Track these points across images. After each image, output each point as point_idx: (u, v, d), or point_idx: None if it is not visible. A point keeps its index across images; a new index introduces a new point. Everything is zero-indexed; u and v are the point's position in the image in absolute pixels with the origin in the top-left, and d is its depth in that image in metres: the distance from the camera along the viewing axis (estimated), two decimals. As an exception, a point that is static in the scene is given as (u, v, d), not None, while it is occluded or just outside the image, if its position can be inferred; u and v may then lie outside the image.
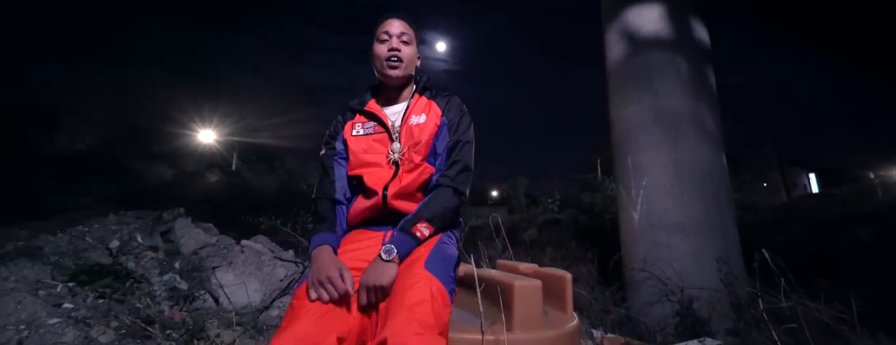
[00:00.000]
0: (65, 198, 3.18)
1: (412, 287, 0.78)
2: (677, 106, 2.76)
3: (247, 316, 2.23)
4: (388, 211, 1.00)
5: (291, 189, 5.39)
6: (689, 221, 2.63)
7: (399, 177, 1.02)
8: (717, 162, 2.79)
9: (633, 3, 3.08)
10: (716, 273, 2.57)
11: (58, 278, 1.68)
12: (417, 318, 0.73)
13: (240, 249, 2.80)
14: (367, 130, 1.08)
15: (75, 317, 1.46)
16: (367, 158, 1.05)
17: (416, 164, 1.03)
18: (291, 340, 0.72)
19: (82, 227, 2.33)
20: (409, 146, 1.03)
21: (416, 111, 1.07)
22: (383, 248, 0.88)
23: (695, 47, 2.94)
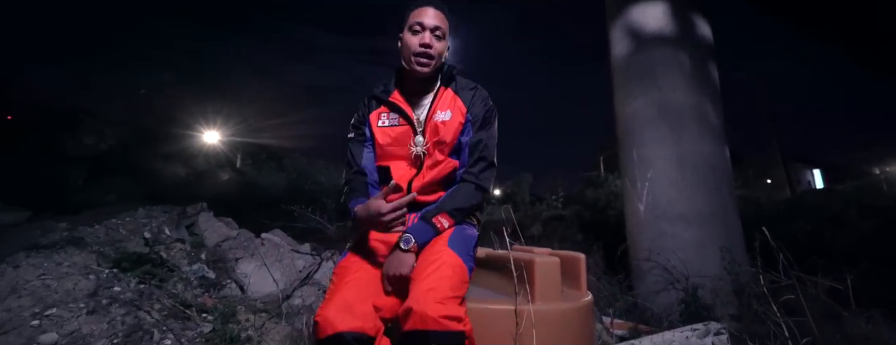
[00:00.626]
0: (92, 195, 3.31)
1: (434, 262, 0.87)
2: (681, 101, 2.85)
3: (270, 304, 2.35)
4: (413, 203, 1.04)
5: (300, 186, 5.52)
6: (692, 211, 2.72)
7: (422, 173, 1.06)
8: (720, 155, 2.88)
9: (637, 0, 3.17)
10: (719, 262, 2.67)
11: (103, 265, 1.80)
12: (438, 289, 0.81)
13: (260, 241, 2.93)
14: (392, 121, 1.09)
15: (124, 298, 1.58)
16: (392, 150, 1.08)
17: (439, 159, 1.06)
18: (336, 307, 0.82)
19: (116, 220, 2.45)
20: (433, 143, 1.05)
21: (441, 106, 1.08)
22: (402, 237, 0.93)
23: (698, 43, 3.02)
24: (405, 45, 1.05)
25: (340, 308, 0.82)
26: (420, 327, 0.76)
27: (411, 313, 0.78)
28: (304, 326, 1.99)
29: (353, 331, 0.78)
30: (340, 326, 0.78)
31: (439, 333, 0.76)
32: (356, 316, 0.81)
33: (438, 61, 1.07)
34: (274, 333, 2.06)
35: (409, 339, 0.77)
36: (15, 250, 1.68)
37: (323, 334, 0.79)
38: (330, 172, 6.27)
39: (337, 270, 0.96)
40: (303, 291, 2.57)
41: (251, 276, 2.49)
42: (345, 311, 0.81)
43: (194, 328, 1.66)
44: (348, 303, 0.83)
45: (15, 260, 1.52)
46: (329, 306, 0.83)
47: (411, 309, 0.78)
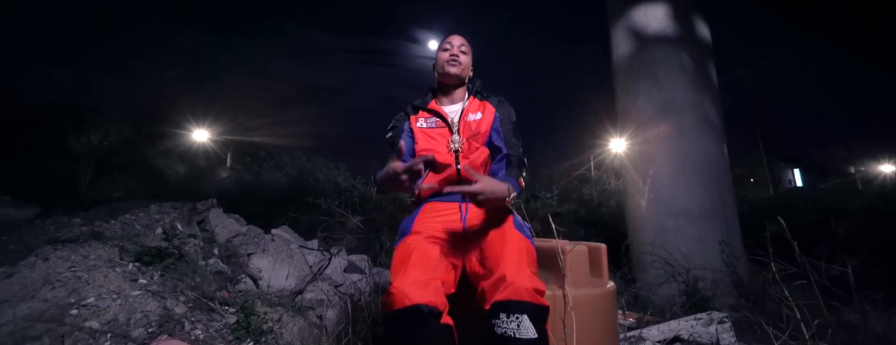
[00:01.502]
0: (100, 191, 3.29)
1: (511, 241, 0.97)
2: (682, 99, 2.95)
3: (284, 298, 2.39)
4: (461, 181, 1.18)
5: (302, 184, 5.53)
6: (693, 207, 2.82)
7: (465, 156, 1.22)
8: (719, 152, 2.98)
9: (639, 1, 3.25)
10: (719, 255, 2.77)
11: (125, 258, 1.82)
12: (525, 266, 0.92)
13: (270, 238, 2.95)
14: (430, 123, 1.29)
15: (151, 290, 1.61)
16: (431, 144, 1.25)
17: (475, 148, 1.23)
18: (411, 281, 0.89)
19: (129, 215, 2.46)
20: (467, 137, 1.23)
21: (472, 110, 1.28)
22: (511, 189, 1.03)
23: (697, 43, 3.12)
24: (438, 60, 1.31)
25: (414, 282, 0.88)
26: (514, 298, 0.83)
27: (505, 283, 0.85)
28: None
29: (428, 304, 0.85)
30: (416, 298, 0.85)
31: (531, 304, 0.83)
32: (429, 291, 0.88)
33: (466, 70, 1.31)
34: (291, 325, 2.10)
35: (502, 307, 0.84)
36: (39, 244, 1.70)
37: (399, 305, 0.85)
38: (329, 170, 6.28)
39: (400, 248, 1.03)
40: (314, 285, 2.61)
41: (264, 271, 2.52)
42: (419, 285, 0.88)
43: (219, 320, 1.70)
44: (421, 278, 0.90)
45: (43, 253, 1.55)
46: (404, 280, 0.90)
47: (505, 279, 0.85)
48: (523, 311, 0.83)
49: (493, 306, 0.86)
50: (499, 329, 0.85)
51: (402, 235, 1.12)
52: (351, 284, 2.74)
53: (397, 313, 0.86)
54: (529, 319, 0.82)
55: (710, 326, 2.11)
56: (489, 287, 0.88)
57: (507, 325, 0.84)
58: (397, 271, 0.95)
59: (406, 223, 1.18)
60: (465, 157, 1.22)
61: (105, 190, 3.44)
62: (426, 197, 1.24)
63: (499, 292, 0.85)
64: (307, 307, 2.34)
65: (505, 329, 0.84)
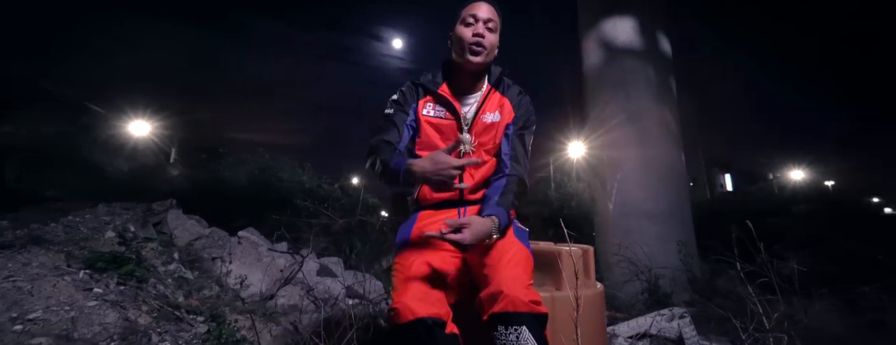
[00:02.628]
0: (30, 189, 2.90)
1: (509, 252, 0.95)
2: (647, 109, 3.15)
3: (255, 304, 2.26)
4: (462, 202, 1.12)
5: (264, 184, 5.26)
6: (655, 209, 3.02)
7: (471, 174, 1.09)
8: (678, 158, 3.21)
9: (609, 15, 3.43)
10: (677, 254, 2.98)
11: (73, 265, 1.64)
12: (522, 277, 0.90)
13: (237, 240, 2.78)
14: (438, 113, 1.09)
15: (109, 300, 1.46)
16: (434, 142, 1.09)
17: (485, 159, 1.10)
18: (413, 294, 0.87)
19: (73, 217, 2.22)
20: (480, 144, 1.08)
21: (490, 107, 1.09)
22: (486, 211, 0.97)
23: (661, 57, 3.35)
24: (458, 37, 1.05)
25: (417, 296, 0.86)
26: (511, 310, 0.83)
27: (502, 296, 0.84)
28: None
29: (432, 316, 0.83)
30: (420, 311, 0.83)
31: (529, 315, 0.83)
32: (432, 303, 0.86)
33: (490, 55, 1.07)
34: (264, 333, 1.99)
35: (500, 319, 0.84)
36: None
37: (404, 319, 0.83)
38: (293, 169, 6.03)
39: (400, 260, 0.99)
40: (286, 290, 2.49)
41: (232, 275, 2.37)
42: (422, 298, 0.86)
43: (188, 330, 1.58)
44: (424, 291, 0.88)
45: (-26, 261, 1.35)
46: (406, 293, 0.87)
47: (502, 292, 0.85)
48: (521, 322, 0.83)
49: (491, 318, 0.86)
50: (499, 341, 0.85)
51: (400, 246, 1.06)
52: (324, 288, 2.65)
53: (403, 327, 0.84)
54: (528, 330, 0.83)
55: (672, 321, 2.27)
56: (486, 298, 0.88)
57: (506, 337, 0.84)
58: (399, 286, 0.92)
59: (403, 233, 1.10)
60: (470, 174, 1.08)
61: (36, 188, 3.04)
62: (424, 205, 1.15)
63: (496, 304, 0.85)
64: (280, 313, 2.23)
65: (504, 342, 0.84)
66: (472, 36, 1.03)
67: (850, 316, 2.11)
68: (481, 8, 1.04)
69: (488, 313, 0.87)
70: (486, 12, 1.04)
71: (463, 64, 1.07)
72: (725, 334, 2.36)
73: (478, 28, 1.03)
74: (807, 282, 1.68)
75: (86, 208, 2.37)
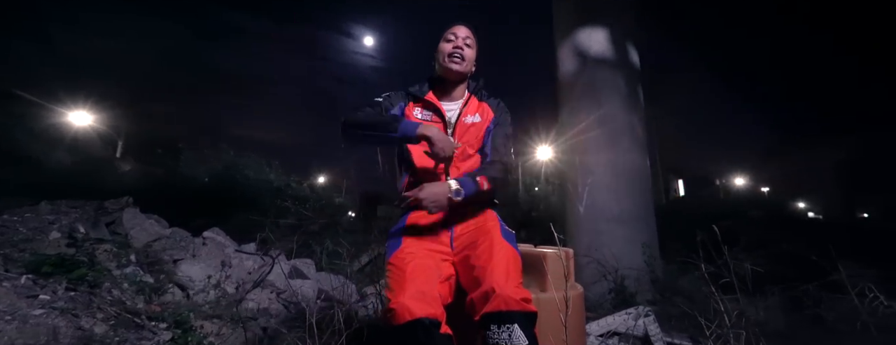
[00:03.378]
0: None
1: (498, 252, 0.98)
2: (617, 116, 3.29)
3: (221, 308, 2.14)
4: None
5: (228, 182, 5.00)
6: (623, 212, 3.16)
7: (457, 166, 1.17)
8: (644, 164, 3.39)
9: (583, 24, 3.56)
10: (641, 256, 3.14)
11: (12, 270, 1.49)
12: (513, 276, 0.94)
13: (201, 241, 2.63)
14: (425, 116, 1.21)
15: (58, 308, 1.34)
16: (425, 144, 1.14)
17: (469, 155, 1.19)
18: (411, 295, 0.87)
19: (9, 216, 2.00)
20: (464, 142, 1.19)
21: (470, 111, 1.22)
22: (451, 181, 1.03)
23: (631, 67, 3.51)
24: (440, 51, 1.22)
25: (415, 296, 0.86)
26: (504, 308, 0.84)
27: (494, 295, 0.86)
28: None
29: (429, 316, 0.84)
30: (418, 312, 0.83)
31: (520, 313, 0.85)
32: (429, 303, 0.86)
33: (469, 65, 1.23)
34: (233, 339, 1.89)
35: (493, 318, 0.85)
36: None
37: (402, 319, 0.83)
38: (260, 167, 5.78)
39: (394, 261, 0.99)
40: (256, 293, 2.38)
41: (196, 279, 2.23)
42: (419, 298, 0.86)
43: (150, 338, 1.47)
44: (421, 291, 0.88)
45: None
46: (403, 294, 0.87)
47: (494, 292, 0.86)
48: (513, 320, 0.86)
49: (484, 318, 0.88)
50: (491, 340, 0.88)
51: (393, 246, 1.08)
52: (296, 290, 2.55)
53: (402, 327, 0.84)
54: (520, 327, 0.86)
55: (638, 319, 2.39)
56: (478, 298, 0.90)
57: (499, 336, 0.86)
58: (396, 286, 0.92)
59: (395, 233, 1.13)
60: (457, 166, 1.17)
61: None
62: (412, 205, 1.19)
63: (488, 303, 0.88)
64: (249, 317, 2.13)
65: (497, 340, 0.87)
66: (452, 48, 1.20)
67: (793, 312, 2.31)
68: (461, 29, 1.22)
69: (480, 313, 0.88)
70: (464, 32, 1.22)
71: (445, 72, 1.21)
72: (685, 330, 2.51)
73: (457, 42, 1.20)
74: (759, 281, 1.82)
75: (25, 206, 2.14)
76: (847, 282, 2.02)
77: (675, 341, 2.23)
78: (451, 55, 1.18)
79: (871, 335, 1.89)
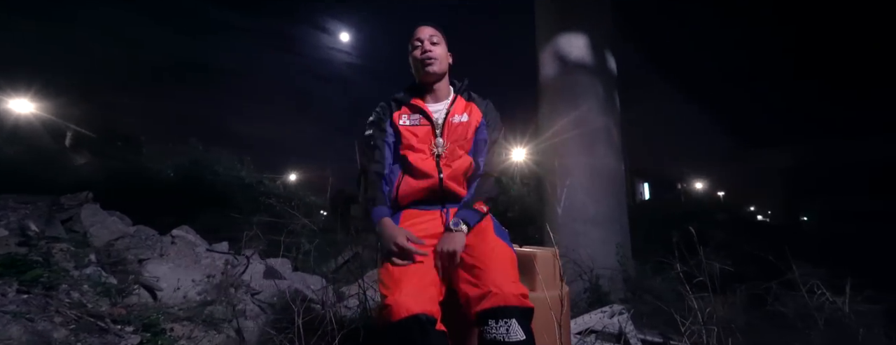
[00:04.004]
0: None
1: (494, 250, 0.99)
2: (595, 121, 3.40)
3: (191, 310, 2.04)
4: (443, 191, 1.16)
5: (196, 178, 4.76)
6: (599, 214, 3.26)
7: (448, 165, 1.18)
8: (619, 168, 3.51)
9: (564, 31, 3.66)
10: (615, 256, 3.25)
11: (-43, 271, 1.35)
12: (508, 273, 0.95)
13: (170, 239, 2.49)
14: (413, 121, 1.21)
15: (10, 311, 1.23)
16: (418, 145, 1.18)
17: (459, 155, 1.19)
18: (407, 292, 0.87)
19: (-49, 211, 1.82)
20: (452, 141, 1.19)
21: (458, 111, 1.23)
22: (452, 221, 1.06)
23: (608, 73, 3.64)
24: (412, 59, 1.23)
25: (411, 293, 0.87)
26: (502, 304, 0.86)
27: (492, 293, 0.87)
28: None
29: (425, 313, 0.84)
30: (415, 308, 0.84)
31: (518, 308, 0.87)
32: (425, 300, 0.87)
33: (443, 62, 1.22)
34: (205, 342, 1.80)
35: (490, 314, 0.86)
36: None
37: (397, 316, 0.83)
38: (231, 162, 5.55)
39: (388, 259, 0.99)
40: (228, 294, 2.27)
41: (164, 279, 2.10)
42: (415, 295, 0.86)
43: (117, 342, 1.38)
44: (416, 288, 0.89)
45: None
46: (399, 291, 0.87)
47: (492, 290, 0.87)
48: (511, 315, 0.88)
49: (481, 314, 0.89)
50: (488, 335, 0.89)
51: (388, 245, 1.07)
52: (272, 291, 2.47)
53: (398, 324, 0.85)
54: (517, 322, 0.88)
55: (613, 317, 2.48)
56: (475, 297, 0.91)
57: (497, 330, 0.88)
58: (391, 284, 0.92)
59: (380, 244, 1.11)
60: (448, 165, 1.16)
61: None
62: (405, 204, 1.18)
63: (486, 301, 0.89)
64: (222, 319, 2.04)
65: (495, 334, 0.88)
66: (420, 54, 1.20)
67: (754, 309, 2.46)
68: (422, 30, 1.22)
69: (478, 310, 0.89)
70: (426, 32, 1.22)
71: (424, 76, 1.22)
72: (656, 327, 2.62)
73: (424, 46, 1.20)
74: (724, 280, 1.94)
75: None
76: (799, 281, 2.19)
77: (647, 338, 2.32)
78: (422, 61, 1.19)
79: (819, 329, 2.06)
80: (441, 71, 1.22)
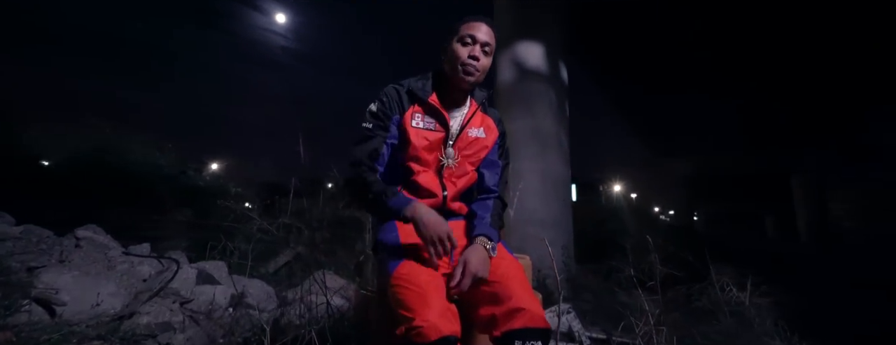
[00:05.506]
0: None
1: (511, 267, 0.96)
2: (548, 127, 3.56)
3: (103, 326, 1.73)
4: (445, 210, 1.08)
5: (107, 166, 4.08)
6: (549, 217, 3.43)
7: (453, 181, 1.08)
8: (567, 173, 3.72)
9: (522, 38, 3.77)
10: (561, 258, 3.44)
11: None
12: (530, 291, 0.93)
13: (74, 242, 2.08)
14: (427, 124, 1.06)
15: None
16: (423, 155, 1.05)
17: (467, 170, 1.10)
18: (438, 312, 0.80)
19: None
20: (463, 156, 1.08)
21: (475, 123, 1.10)
22: (488, 244, 0.96)
23: (560, 82, 3.83)
24: (453, 54, 1.04)
25: (442, 313, 0.80)
26: (531, 325, 0.83)
27: (523, 312, 0.83)
28: None
29: (454, 334, 0.79)
30: (445, 329, 0.78)
31: (544, 330, 0.85)
32: (451, 320, 0.82)
33: (481, 77, 1.07)
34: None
35: (519, 335, 0.82)
36: None
37: (429, 338, 0.76)
38: (148, 149, 4.86)
39: (405, 277, 0.89)
40: (152, 305, 1.96)
41: (66, 291, 1.74)
42: (443, 314, 0.80)
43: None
44: (444, 306, 0.83)
45: None
46: (430, 311, 0.79)
47: (524, 309, 0.83)
48: (538, 337, 0.86)
49: (508, 334, 0.86)
50: None
51: (392, 253, 0.97)
52: (206, 298, 2.19)
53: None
54: (543, 343, 0.86)
55: (562, 316, 2.62)
56: (503, 314, 0.87)
57: None
58: (417, 303, 0.83)
59: (390, 240, 1.00)
60: (453, 182, 1.07)
61: None
62: None
63: (515, 320, 0.85)
64: (145, 335, 1.75)
65: None
66: (467, 57, 1.02)
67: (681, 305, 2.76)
68: (481, 29, 1.04)
69: (506, 329, 0.85)
70: (484, 35, 1.03)
71: (454, 80, 1.05)
72: (596, 323, 2.83)
73: (475, 50, 1.02)
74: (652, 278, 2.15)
75: None
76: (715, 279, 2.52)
77: (592, 335, 2.49)
78: (465, 65, 1.01)
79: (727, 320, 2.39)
80: (477, 83, 1.06)
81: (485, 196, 1.13)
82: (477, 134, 1.10)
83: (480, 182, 1.15)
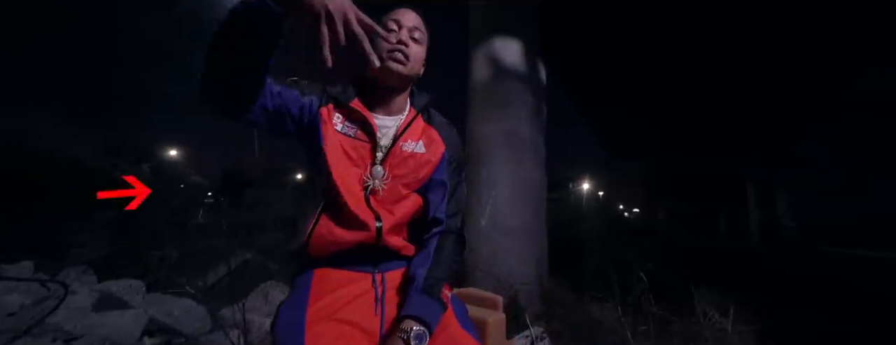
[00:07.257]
0: None
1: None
2: (524, 131, 3.32)
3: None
4: (379, 248, 0.80)
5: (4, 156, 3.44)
6: (520, 226, 3.20)
7: (389, 209, 0.82)
8: (542, 179, 3.50)
9: (498, 34, 3.50)
10: (533, 270, 3.23)
11: None
12: None
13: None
14: (349, 131, 0.82)
15: None
16: (347, 170, 0.80)
17: (402, 195, 0.85)
18: None
19: None
20: (395, 176, 0.83)
21: (412, 135, 0.87)
22: (413, 332, 0.68)
23: (538, 83, 3.59)
24: (376, 46, 0.81)
25: None
26: None
27: None
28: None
29: None
30: None
31: None
32: None
33: (415, 68, 0.86)
34: None
35: None
36: None
37: None
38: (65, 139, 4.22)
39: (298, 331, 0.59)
40: (23, 342, 1.53)
41: None
42: None
43: None
44: None
45: None
46: None
47: None
48: None
49: None
50: None
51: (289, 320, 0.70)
52: (107, 331, 1.76)
53: None
54: None
55: (535, 342, 2.40)
56: None
57: None
58: None
59: (291, 312, 0.72)
60: (389, 210, 0.82)
61: None
62: (323, 256, 0.79)
63: None
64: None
65: None
66: (391, 44, 0.82)
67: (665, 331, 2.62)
68: (407, 15, 0.86)
69: None
70: (411, 20, 0.86)
71: (381, 74, 0.83)
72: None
73: (401, 35, 0.84)
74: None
75: None
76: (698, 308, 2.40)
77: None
78: (391, 52, 0.82)
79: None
80: (409, 74, 0.85)
81: (430, 233, 0.86)
82: (414, 148, 0.86)
83: (425, 211, 0.87)
